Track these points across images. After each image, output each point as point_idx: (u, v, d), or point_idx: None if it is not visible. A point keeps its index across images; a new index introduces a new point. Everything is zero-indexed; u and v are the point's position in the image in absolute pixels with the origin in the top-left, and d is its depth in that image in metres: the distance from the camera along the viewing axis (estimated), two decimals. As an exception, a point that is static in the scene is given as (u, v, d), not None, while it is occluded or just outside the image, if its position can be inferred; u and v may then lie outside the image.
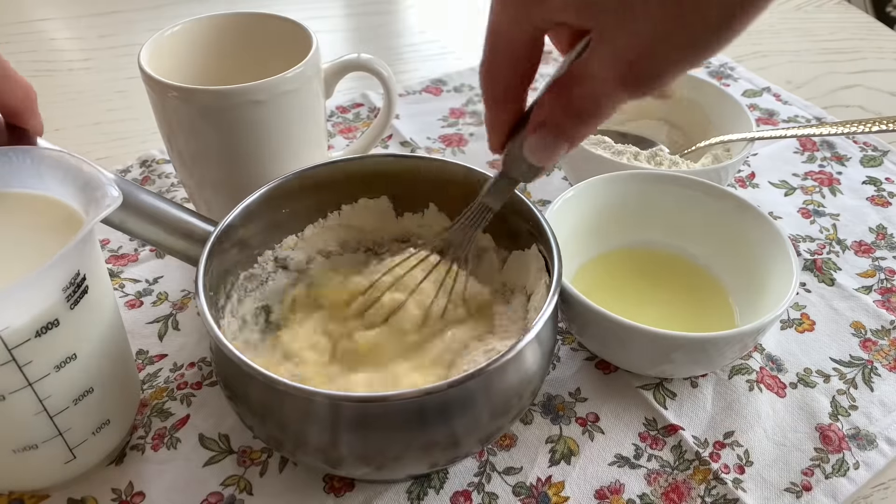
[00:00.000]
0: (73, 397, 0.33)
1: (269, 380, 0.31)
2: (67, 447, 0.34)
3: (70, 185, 0.33)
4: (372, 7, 0.90)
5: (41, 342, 0.30)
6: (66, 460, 0.35)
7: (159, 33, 0.49)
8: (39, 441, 0.33)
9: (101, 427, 0.36)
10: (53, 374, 0.31)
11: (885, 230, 0.55)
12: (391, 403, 0.32)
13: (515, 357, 0.32)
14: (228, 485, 0.38)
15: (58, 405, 0.32)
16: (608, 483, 0.39)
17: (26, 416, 0.32)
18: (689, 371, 0.43)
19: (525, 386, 0.35)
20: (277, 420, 0.33)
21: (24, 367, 0.30)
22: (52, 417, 0.32)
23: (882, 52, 0.80)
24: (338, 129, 0.66)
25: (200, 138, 0.47)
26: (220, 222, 0.39)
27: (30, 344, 0.29)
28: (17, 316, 0.29)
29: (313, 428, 0.33)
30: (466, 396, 0.33)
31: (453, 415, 0.33)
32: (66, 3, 0.89)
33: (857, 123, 0.49)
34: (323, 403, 0.32)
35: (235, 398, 0.35)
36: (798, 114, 0.69)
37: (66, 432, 0.34)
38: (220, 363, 0.35)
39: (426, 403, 0.32)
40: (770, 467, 0.39)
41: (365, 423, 0.32)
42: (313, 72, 0.47)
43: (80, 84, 0.74)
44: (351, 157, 0.46)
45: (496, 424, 0.35)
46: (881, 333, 0.47)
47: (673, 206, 0.48)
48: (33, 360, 0.30)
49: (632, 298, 0.46)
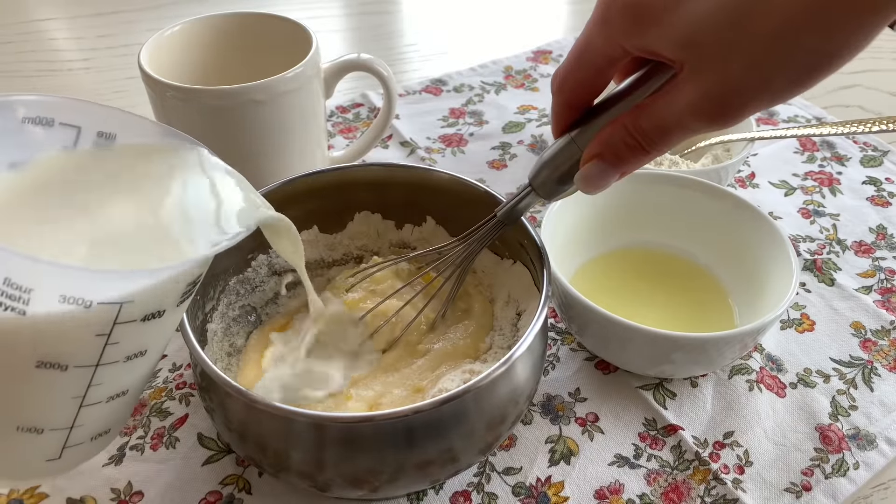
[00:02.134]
0: (112, 394, 0.31)
1: (247, 398, 0.30)
2: (63, 444, 0.32)
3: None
4: (372, 7, 0.90)
5: (140, 328, 0.28)
6: (51, 458, 0.32)
7: (159, 33, 0.49)
8: (49, 427, 0.30)
9: (100, 434, 0.34)
10: (121, 364, 0.29)
11: (885, 230, 0.55)
12: (378, 423, 0.30)
13: (506, 371, 0.31)
14: (227, 484, 0.38)
15: (97, 397, 0.30)
16: (608, 483, 0.39)
17: (64, 395, 0.29)
18: (689, 371, 0.43)
19: (519, 394, 0.34)
20: (256, 441, 0.32)
21: (109, 345, 0.28)
22: (81, 407, 0.30)
23: (881, 52, 0.80)
24: (338, 129, 0.66)
25: (200, 138, 0.46)
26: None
27: (133, 325, 0.28)
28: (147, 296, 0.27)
29: (296, 450, 0.31)
30: (458, 412, 0.31)
31: (447, 431, 0.31)
32: (66, 3, 0.89)
33: (857, 123, 0.49)
34: (305, 424, 0.31)
35: (213, 412, 0.34)
36: (798, 114, 0.68)
37: (77, 428, 0.31)
38: (198, 374, 0.35)
39: (415, 422, 0.31)
40: (770, 467, 0.39)
41: (352, 445, 0.31)
42: (313, 72, 0.47)
43: (80, 84, 0.74)
44: (351, 165, 0.45)
45: (494, 434, 0.34)
46: (881, 333, 0.47)
47: (673, 207, 0.48)
48: (121, 342, 0.28)
49: (631, 299, 0.46)
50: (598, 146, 0.30)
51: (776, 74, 0.26)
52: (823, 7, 0.24)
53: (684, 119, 0.28)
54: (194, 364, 0.34)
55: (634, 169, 0.31)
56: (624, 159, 0.30)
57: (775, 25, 0.24)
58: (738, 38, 0.25)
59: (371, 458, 0.31)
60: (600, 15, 0.29)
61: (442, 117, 0.68)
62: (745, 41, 0.25)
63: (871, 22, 0.24)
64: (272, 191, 0.40)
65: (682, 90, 0.27)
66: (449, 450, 0.32)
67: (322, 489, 0.33)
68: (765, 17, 0.24)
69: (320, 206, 0.43)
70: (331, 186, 0.43)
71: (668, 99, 0.28)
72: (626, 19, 0.28)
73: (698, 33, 0.26)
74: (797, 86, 0.26)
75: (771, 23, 0.24)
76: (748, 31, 0.25)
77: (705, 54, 0.26)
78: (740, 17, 0.25)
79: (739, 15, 0.25)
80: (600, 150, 0.30)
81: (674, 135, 0.28)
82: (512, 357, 0.32)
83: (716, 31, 0.25)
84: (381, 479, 0.32)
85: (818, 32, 0.24)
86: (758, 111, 0.27)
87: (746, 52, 0.25)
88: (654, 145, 0.29)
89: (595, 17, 0.29)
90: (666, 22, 0.26)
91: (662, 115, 0.28)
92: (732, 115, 0.27)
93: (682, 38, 0.26)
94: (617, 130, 0.29)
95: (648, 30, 0.27)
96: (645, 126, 0.29)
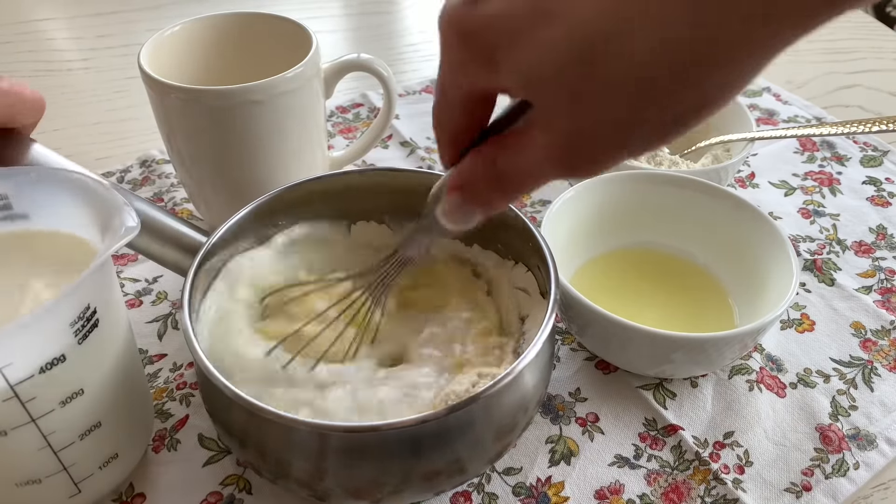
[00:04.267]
0: (79, 432, 0.32)
1: (250, 406, 0.29)
2: (72, 481, 0.33)
3: (88, 209, 0.32)
4: (372, 7, 0.90)
5: (46, 378, 0.29)
6: (71, 494, 0.34)
7: (159, 33, 0.49)
8: (43, 476, 0.32)
9: (108, 461, 0.34)
10: (59, 410, 0.30)
11: (885, 230, 0.55)
12: (384, 433, 0.29)
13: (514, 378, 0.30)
14: (228, 484, 0.38)
15: (63, 440, 0.31)
16: (608, 483, 0.39)
17: (29, 451, 0.30)
18: (689, 371, 0.43)
19: (529, 400, 0.33)
20: (257, 447, 0.31)
21: (28, 402, 0.29)
22: (56, 453, 0.31)
23: (882, 52, 0.80)
24: (338, 129, 0.66)
25: (200, 138, 0.47)
26: (209, 237, 0.37)
27: (34, 380, 0.28)
28: (22, 352, 0.28)
29: (296, 458, 0.30)
30: (466, 422, 0.30)
31: (453, 441, 0.30)
32: (65, 3, 0.89)
33: (857, 123, 0.49)
34: (307, 433, 0.30)
35: (213, 415, 0.34)
36: (798, 114, 0.68)
37: (72, 467, 0.32)
38: (201, 381, 0.34)
39: (422, 432, 0.29)
40: (770, 467, 0.39)
41: (354, 455, 0.30)
42: (313, 72, 0.47)
43: (79, 84, 0.74)
44: (351, 171, 0.44)
45: (504, 443, 0.33)
46: (881, 334, 0.47)
47: (673, 207, 0.48)
48: (37, 395, 0.29)
49: (632, 299, 0.46)
50: (457, 178, 0.27)
51: (632, 129, 0.22)
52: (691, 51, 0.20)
53: (541, 167, 0.24)
54: (196, 366, 0.34)
55: (497, 209, 0.27)
56: (482, 198, 0.27)
57: (629, 71, 0.20)
58: (587, 83, 0.21)
59: (375, 469, 0.30)
60: (445, 54, 0.25)
61: (442, 117, 0.67)
62: (596, 87, 0.21)
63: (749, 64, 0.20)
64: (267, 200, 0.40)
65: (534, 136, 0.24)
66: (457, 460, 0.31)
67: (321, 499, 0.32)
68: (616, 60, 0.20)
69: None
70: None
71: (524, 142, 0.24)
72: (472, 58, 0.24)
73: (543, 72, 0.22)
74: (659, 142, 0.22)
75: (623, 67, 0.20)
76: (598, 76, 0.21)
77: (553, 98, 0.22)
78: (590, 56, 0.20)
79: (589, 54, 0.20)
80: (460, 182, 0.27)
81: (530, 181, 0.25)
82: (521, 363, 0.31)
83: (561, 71, 0.21)
84: (385, 491, 0.31)
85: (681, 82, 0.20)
86: (619, 161, 0.23)
87: (596, 100, 0.21)
88: (512, 189, 0.26)
89: (442, 57, 0.25)
90: (517, 50, 0.22)
91: (518, 161, 0.25)
92: (586, 170, 0.24)
93: (526, 77, 0.22)
94: (477, 165, 0.26)
95: (499, 63, 0.23)
96: (502, 167, 0.25)
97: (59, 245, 0.34)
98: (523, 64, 0.22)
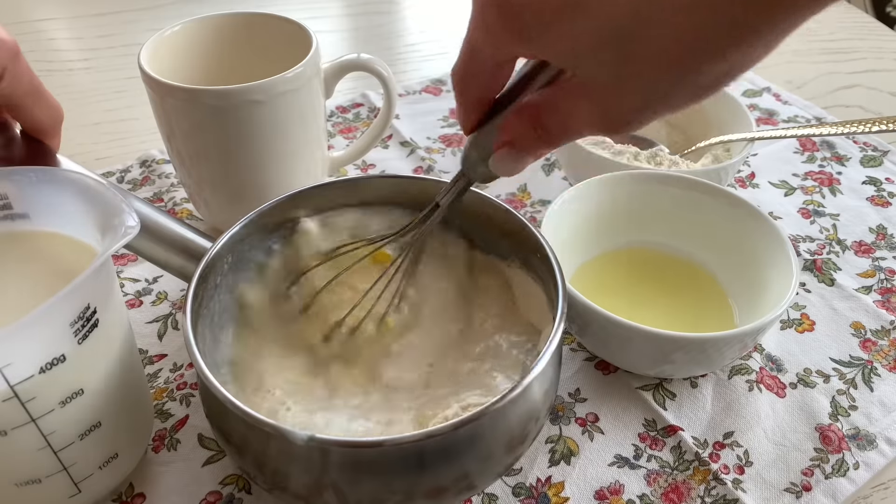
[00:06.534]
0: (79, 432, 0.32)
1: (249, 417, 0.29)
2: (72, 481, 0.33)
3: (88, 210, 0.32)
4: (372, 7, 0.90)
5: (46, 378, 0.29)
6: (71, 494, 0.34)
7: (159, 33, 0.49)
8: (43, 475, 0.32)
9: (108, 461, 0.34)
10: (58, 410, 0.30)
11: (885, 230, 0.55)
12: (387, 448, 0.28)
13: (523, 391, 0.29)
14: (227, 484, 0.38)
15: (63, 440, 0.31)
16: (608, 483, 0.39)
17: (29, 451, 0.31)
18: (689, 371, 0.43)
19: (541, 408, 0.33)
20: (255, 458, 0.31)
21: (28, 403, 0.29)
22: (56, 452, 0.31)
23: (882, 52, 0.80)
24: (338, 129, 0.66)
25: (200, 138, 0.47)
26: (212, 246, 0.37)
27: (34, 380, 0.28)
28: (22, 352, 0.28)
29: (295, 471, 0.30)
30: (474, 435, 0.29)
31: (461, 455, 0.29)
32: (65, 3, 0.89)
33: (857, 123, 0.49)
34: (306, 447, 0.28)
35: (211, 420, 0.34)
36: (798, 114, 0.68)
37: (72, 467, 0.33)
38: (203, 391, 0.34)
39: (428, 447, 0.28)
40: (770, 467, 0.39)
41: (357, 469, 0.29)
42: (313, 72, 0.47)
43: (79, 84, 0.74)
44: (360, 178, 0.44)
45: (515, 454, 0.32)
46: (881, 334, 0.47)
47: (673, 207, 0.48)
48: (37, 396, 0.29)
49: (631, 299, 0.46)
50: (507, 134, 0.31)
51: (667, 97, 0.25)
52: (716, 25, 0.22)
53: (581, 126, 0.28)
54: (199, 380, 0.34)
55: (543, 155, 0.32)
56: (532, 147, 0.30)
57: (666, 46, 0.23)
58: (628, 58, 0.24)
59: (377, 485, 0.29)
60: (481, 20, 0.27)
61: (442, 117, 0.68)
62: (637, 61, 0.24)
63: (768, 36, 0.23)
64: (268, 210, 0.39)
65: (573, 96, 0.27)
66: (465, 476, 0.30)
67: None
68: (655, 38, 0.23)
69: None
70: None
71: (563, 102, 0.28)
72: (508, 31, 0.26)
73: (587, 49, 0.25)
74: (685, 106, 0.26)
75: (661, 43, 0.23)
76: (638, 51, 0.24)
77: (595, 71, 0.25)
78: (629, 35, 0.23)
79: (628, 33, 0.23)
80: (510, 138, 0.31)
81: (573, 136, 0.29)
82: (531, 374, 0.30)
83: (604, 48, 0.24)
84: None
85: (710, 53, 0.23)
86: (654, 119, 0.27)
87: (637, 72, 0.24)
88: (556, 140, 0.29)
89: (477, 22, 0.27)
90: (553, 34, 0.25)
91: (561, 120, 0.28)
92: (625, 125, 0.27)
93: (570, 53, 0.25)
94: (524, 123, 0.30)
95: (534, 40, 0.26)
96: (546, 124, 0.29)
97: (59, 245, 0.34)
98: (567, 40, 0.25)
